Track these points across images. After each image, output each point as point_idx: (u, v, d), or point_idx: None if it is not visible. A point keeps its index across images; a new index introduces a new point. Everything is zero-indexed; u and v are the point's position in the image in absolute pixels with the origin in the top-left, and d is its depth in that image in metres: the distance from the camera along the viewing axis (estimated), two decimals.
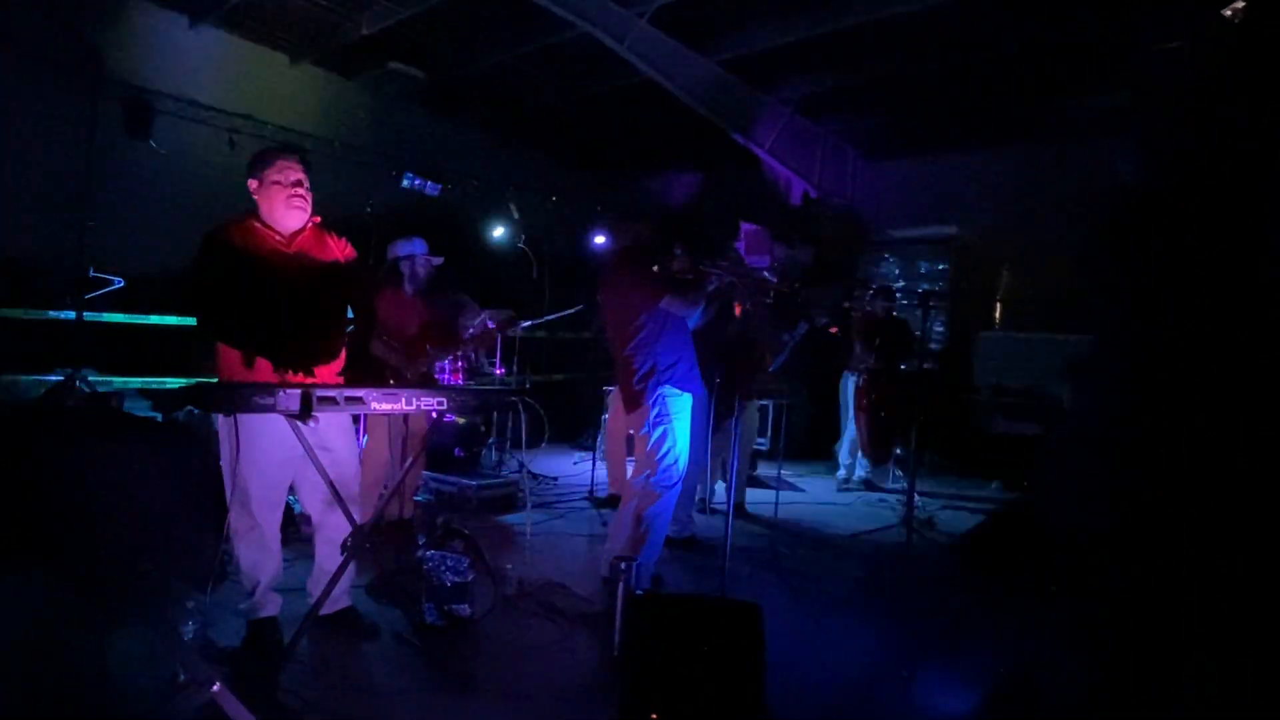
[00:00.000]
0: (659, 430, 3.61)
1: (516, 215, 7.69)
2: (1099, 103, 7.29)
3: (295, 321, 2.83)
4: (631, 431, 3.92)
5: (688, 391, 3.69)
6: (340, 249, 3.05)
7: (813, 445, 8.21)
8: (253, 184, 2.90)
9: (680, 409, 3.66)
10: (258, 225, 2.88)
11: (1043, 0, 5.93)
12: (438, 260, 4.71)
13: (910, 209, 8.84)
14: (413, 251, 4.56)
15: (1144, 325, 1.71)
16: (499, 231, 7.78)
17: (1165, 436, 1.65)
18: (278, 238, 2.89)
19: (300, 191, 2.90)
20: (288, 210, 2.89)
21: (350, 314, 3.18)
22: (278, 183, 2.87)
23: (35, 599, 2.96)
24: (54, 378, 4.99)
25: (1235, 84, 1.65)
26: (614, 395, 5.25)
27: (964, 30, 6.47)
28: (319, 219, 3.02)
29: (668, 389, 3.62)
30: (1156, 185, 1.74)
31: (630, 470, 4.03)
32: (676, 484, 3.66)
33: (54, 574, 2.60)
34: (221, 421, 2.81)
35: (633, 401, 3.69)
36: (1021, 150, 8.36)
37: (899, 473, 6.68)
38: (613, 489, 5.53)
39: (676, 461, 3.64)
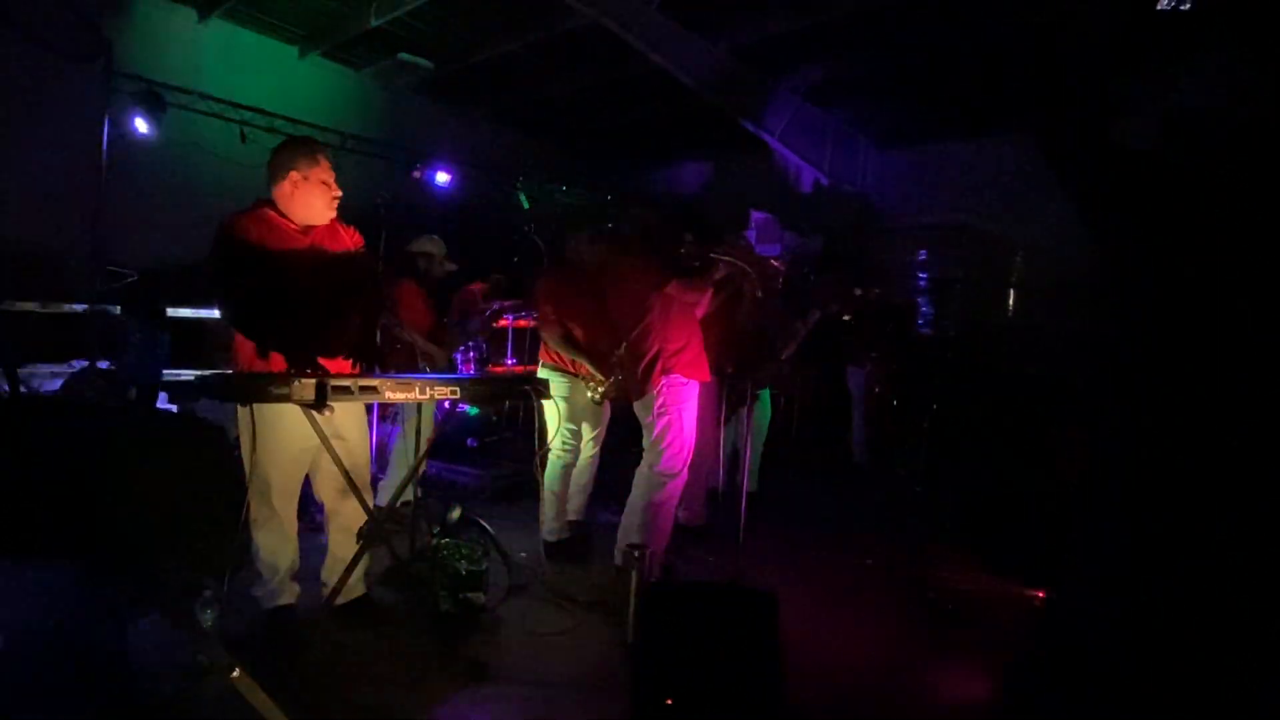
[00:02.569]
0: (663, 419, 3.60)
1: (526, 205, 7.68)
2: (1113, 87, 7.19)
3: (309, 311, 2.84)
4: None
5: (694, 379, 3.68)
6: (351, 239, 3.06)
7: (826, 434, 8.19)
8: (294, 175, 2.85)
9: (686, 397, 3.65)
10: (273, 215, 2.88)
11: None
12: (452, 266, 4.86)
13: (922, 196, 8.78)
14: (432, 251, 4.70)
15: (1169, 312, 1.66)
16: (509, 221, 7.78)
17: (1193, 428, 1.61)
18: (293, 228, 2.89)
19: (339, 192, 2.93)
20: (325, 210, 2.92)
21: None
22: (325, 183, 2.89)
23: (55, 588, 2.99)
24: (70, 369, 5.04)
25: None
26: None
27: (976, 15, 6.40)
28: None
29: (674, 377, 3.61)
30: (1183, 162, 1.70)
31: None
32: (682, 471, 3.66)
33: (73, 563, 2.62)
34: (241, 411, 2.83)
35: (639, 389, 3.68)
36: (1034, 136, 8.27)
37: (908, 459, 6.65)
38: None
39: (682, 450, 3.63)
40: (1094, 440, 1.84)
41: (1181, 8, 1.68)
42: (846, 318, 6.86)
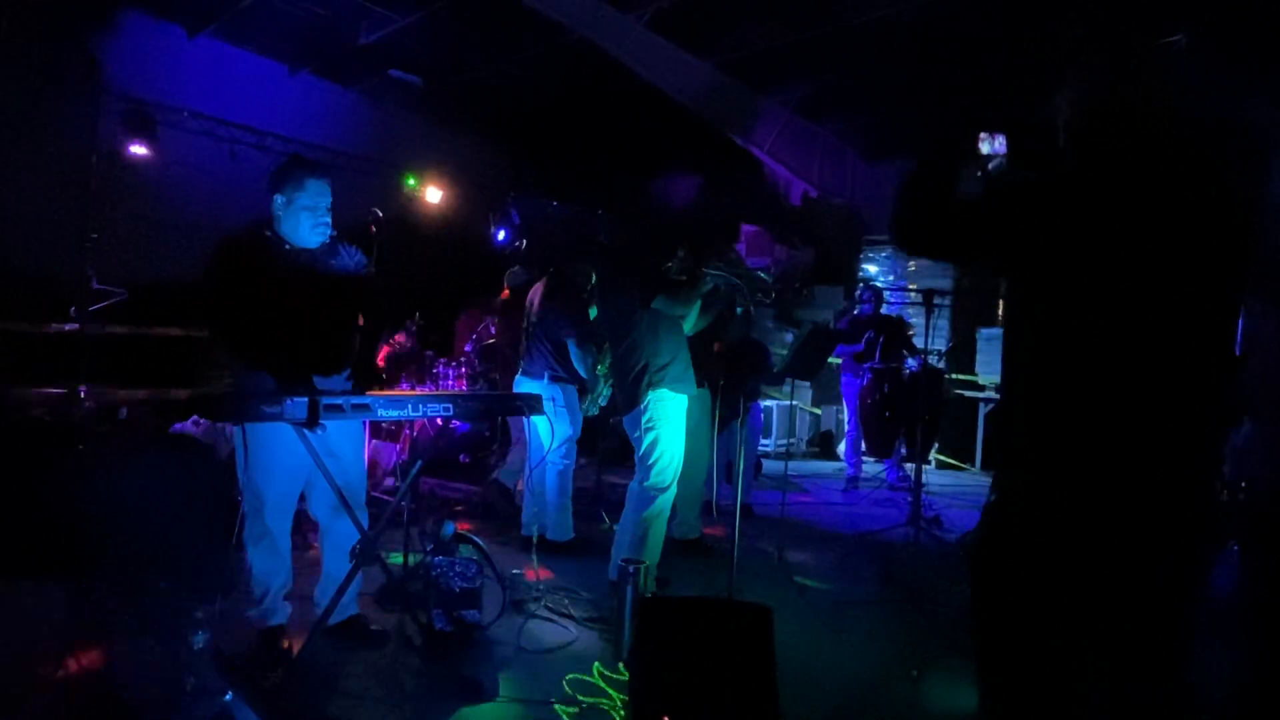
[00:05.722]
0: (650, 436, 3.60)
1: (518, 220, 7.70)
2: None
3: (301, 330, 2.84)
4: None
5: (682, 394, 3.69)
6: (351, 258, 3.05)
7: (818, 446, 8.22)
8: (279, 200, 2.87)
9: (674, 412, 3.66)
10: (268, 235, 2.88)
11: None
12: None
13: None
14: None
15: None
16: (501, 236, 7.79)
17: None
18: (288, 248, 2.90)
19: (328, 218, 2.91)
20: (311, 235, 2.91)
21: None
22: (308, 209, 2.87)
23: (48, 610, 2.97)
24: (59, 391, 5.00)
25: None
26: None
27: (963, 29, 6.47)
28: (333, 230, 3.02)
29: (661, 391, 3.61)
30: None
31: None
32: (670, 486, 3.66)
33: (65, 585, 2.60)
34: (236, 430, 2.82)
35: (627, 403, 3.69)
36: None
37: (904, 471, 6.67)
38: None
39: (670, 464, 3.64)
40: None
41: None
42: (839, 329, 6.91)
